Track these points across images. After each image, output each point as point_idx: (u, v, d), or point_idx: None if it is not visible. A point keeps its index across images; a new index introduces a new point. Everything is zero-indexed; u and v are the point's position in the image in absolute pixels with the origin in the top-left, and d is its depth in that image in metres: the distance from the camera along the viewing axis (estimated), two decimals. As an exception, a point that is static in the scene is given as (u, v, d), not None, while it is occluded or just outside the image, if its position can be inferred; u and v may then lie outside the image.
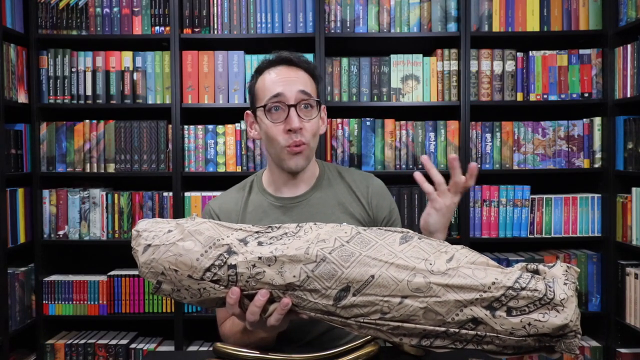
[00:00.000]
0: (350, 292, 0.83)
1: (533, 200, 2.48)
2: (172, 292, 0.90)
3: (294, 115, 1.16)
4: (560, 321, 0.79)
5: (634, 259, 2.38)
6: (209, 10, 2.46)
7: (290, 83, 1.17)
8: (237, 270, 0.86)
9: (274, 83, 1.18)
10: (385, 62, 2.47)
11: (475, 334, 0.81)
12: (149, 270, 0.89)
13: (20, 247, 2.40)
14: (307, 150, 1.20)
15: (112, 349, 2.47)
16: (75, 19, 2.47)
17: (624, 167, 2.36)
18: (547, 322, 0.79)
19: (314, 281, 0.84)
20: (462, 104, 2.42)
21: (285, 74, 1.19)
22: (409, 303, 0.82)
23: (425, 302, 0.81)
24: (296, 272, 0.85)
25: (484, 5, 2.45)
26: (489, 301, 0.80)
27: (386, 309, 0.83)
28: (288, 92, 1.17)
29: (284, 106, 1.17)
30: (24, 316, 2.41)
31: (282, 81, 1.18)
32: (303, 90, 1.18)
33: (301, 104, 1.18)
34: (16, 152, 2.40)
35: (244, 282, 0.87)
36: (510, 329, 0.80)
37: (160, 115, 2.49)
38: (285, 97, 1.17)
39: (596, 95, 2.46)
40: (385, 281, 0.83)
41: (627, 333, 2.37)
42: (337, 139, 2.47)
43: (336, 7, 2.45)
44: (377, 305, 0.83)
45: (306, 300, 0.86)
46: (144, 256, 0.89)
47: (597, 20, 2.45)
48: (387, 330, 0.84)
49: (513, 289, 0.80)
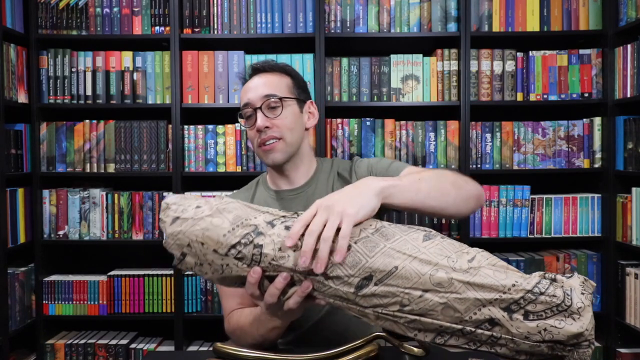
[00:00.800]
0: (372, 282, 0.83)
1: (533, 200, 2.48)
2: (195, 266, 0.90)
3: (258, 116, 1.27)
4: (576, 329, 0.80)
5: (634, 259, 2.38)
6: (209, 10, 2.46)
7: (256, 89, 1.29)
8: (262, 250, 0.86)
9: (245, 93, 1.31)
10: (385, 62, 2.47)
11: (491, 334, 0.81)
12: (174, 241, 0.89)
13: (20, 247, 2.40)
14: (280, 144, 1.28)
15: (112, 349, 2.47)
16: (75, 19, 2.47)
17: (624, 167, 2.36)
18: (563, 329, 0.80)
19: (337, 268, 0.84)
20: (462, 104, 2.42)
21: (254, 82, 1.31)
22: (429, 297, 0.82)
23: (446, 297, 0.81)
24: None
25: (484, 5, 2.45)
26: (507, 303, 0.80)
27: (406, 301, 0.82)
28: (254, 97, 1.28)
29: (253, 111, 1.28)
30: (24, 316, 2.41)
31: (250, 89, 1.30)
32: (267, 93, 1.27)
33: (266, 104, 1.27)
34: (16, 152, 2.40)
35: (267, 264, 0.86)
36: (526, 333, 0.80)
37: (160, 115, 2.49)
38: (252, 102, 1.28)
39: (596, 95, 2.46)
40: (408, 273, 0.83)
41: (627, 333, 2.37)
42: (337, 139, 2.47)
43: (336, 7, 2.45)
44: (398, 296, 0.83)
45: (327, 286, 0.85)
46: (172, 227, 0.90)
47: (597, 20, 2.45)
48: (404, 323, 0.84)
49: (532, 293, 0.80)
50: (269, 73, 1.33)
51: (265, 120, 1.26)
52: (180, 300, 2.44)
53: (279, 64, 1.35)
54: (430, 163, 2.47)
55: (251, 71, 1.35)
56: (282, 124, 1.27)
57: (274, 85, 1.30)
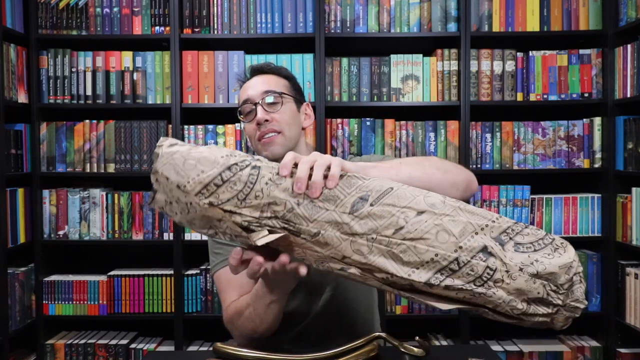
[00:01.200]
0: (368, 202, 0.84)
1: (533, 200, 2.48)
2: (165, 205, 0.88)
3: (258, 110, 1.30)
4: (565, 260, 0.83)
5: (634, 259, 2.38)
6: (209, 10, 2.46)
7: (255, 87, 1.33)
8: (260, 171, 0.86)
9: (244, 91, 1.36)
10: (385, 62, 2.47)
11: (486, 266, 0.82)
12: (154, 177, 0.88)
13: (20, 247, 2.40)
14: (280, 138, 1.31)
15: (112, 349, 2.47)
16: (75, 19, 2.47)
17: (624, 167, 2.36)
18: (553, 259, 0.83)
19: (333, 191, 0.85)
20: (462, 104, 2.42)
21: (253, 81, 1.36)
22: (424, 218, 0.84)
23: (440, 219, 0.84)
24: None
25: (484, 5, 2.45)
26: (497, 231, 0.84)
27: (402, 222, 0.83)
28: (254, 94, 1.32)
29: (253, 106, 1.32)
30: (24, 316, 2.41)
31: (250, 87, 1.35)
32: (266, 90, 1.32)
33: (265, 99, 1.31)
34: (16, 152, 2.40)
35: (262, 185, 0.85)
36: (520, 264, 0.82)
37: (160, 115, 2.49)
38: (251, 98, 1.32)
39: (596, 95, 2.46)
40: (403, 194, 0.86)
41: (627, 333, 2.37)
42: (337, 139, 2.47)
43: (336, 7, 2.45)
44: (394, 216, 0.84)
45: (322, 209, 0.85)
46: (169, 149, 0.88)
47: (597, 20, 2.45)
48: (399, 253, 0.83)
49: (518, 225, 0.86)
50: (267, 74, 1.37)
51: (265, 114, 1.30)
52: (180, 300, 2.44)
53: (277, 67, 1.41)
54: (430, 163, 2.47)
55: (250, 72, 1.40)
56: (281, 118, 1.31)
57: (273, 84, 1.35)
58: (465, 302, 0.85)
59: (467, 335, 2.43)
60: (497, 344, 2.51)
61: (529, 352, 2.45)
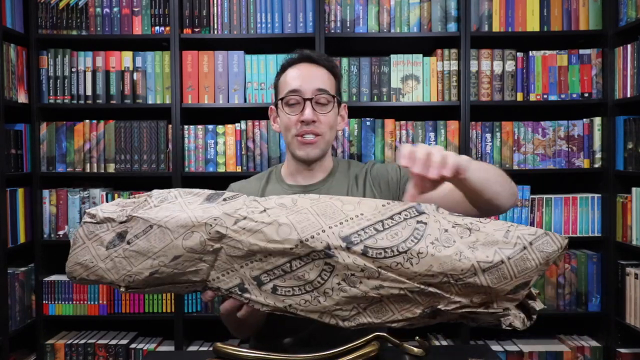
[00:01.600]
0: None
1: (533, 200, 2.48)
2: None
3: (308, 108, 1.24)
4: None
5: (634, 259, 2.38)
6: (209, 10, 2.46)
7: (308, 79, 1.26)
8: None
9: (293, 79, 1.27)
10: (385, 62, 2.47)
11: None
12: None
13: (20, 247, 2.40)
14: (321, 142, 1.27)
15: (112, 349, 2.47)
16: (75, 19, 2.47)
17: (624, 167, 2.36)
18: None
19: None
20: (462, 104, 2.42)
21: (305, 70, 1.28)
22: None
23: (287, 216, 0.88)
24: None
25: (484, 5, 2.45)
26: (349, 231, 0.86)
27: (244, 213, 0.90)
28: (305, 87, 1.25)
29: (301, 100, 1.25)
30: (24, 316, 2.41)
31: (300, 77, 1.27)
32: (320, 87, 1.26)
33: (316, 98, 1.25)
34: (16, 152, 2.40)
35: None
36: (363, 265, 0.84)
37: (160, 115, 2.49)
38: (302, 91, 1.25)
39: (596, 95, 2.46)
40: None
41: (627, 333, 2.37)
42: (337, 139, 2.47)
43: (336, 7, 2.45)
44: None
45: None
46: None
47: (597, 20, 2.45)
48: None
49: (377, 226, 0.86)
50: (320, 66, 1.30)
51: (314, 114, 1.24)
52: (180, 300, 2.44)
53: (330, 60, 1.34)
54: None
55: (301, 57, 1.31)
56: (327, 121, 1.27)
57: (326, 81, 1.28)
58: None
59: (467, 335, 2.42)
60: (497, 344, 2.51)
61: (529, 352, 2.45)
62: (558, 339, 2.55)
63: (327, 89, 1.27)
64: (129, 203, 0.91)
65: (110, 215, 0.90)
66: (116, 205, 0.92)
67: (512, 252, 0.82)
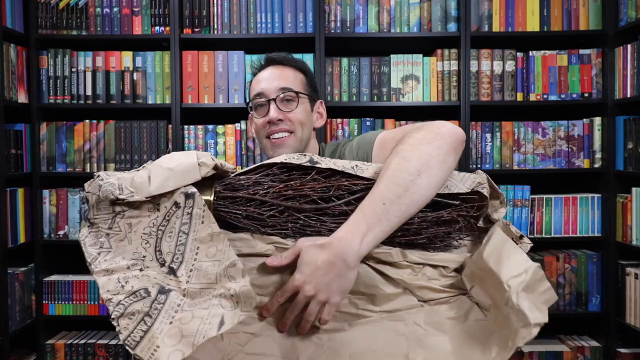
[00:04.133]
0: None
1: (533, 200, 2.48)
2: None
3: (271, 108, 1.25)
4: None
5: (634, 259, 2.38)
6: (209, 10, 2.46)
7: (271, 80, 1.27)
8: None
9: (258, 82, 1.29)
10: (385, 62, 2.47)
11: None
12: None
13: (20, 247, 2.40)
14: (291, 139, 1.26)
15: (112, 349, 2.47)
16: (75, 19, 2.47)
17: (624, 167, 2.36)
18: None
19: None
20: (462, 104, 2.42)
21: (268, 73, 1.29)
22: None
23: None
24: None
25: (484, 5, 2.45)
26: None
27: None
28: (268, 88, 1.26)
29: (266, 101, 1.26)
30: (24, 316, 2.41)
31: (264, 80, 1.28)
32: (283, 86, 1.26)
33: (281, 97, 1.25)
34: (16, 152, 2.40)
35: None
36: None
37: (160, 115, 2.49)
38: (265, 93, 1.26)
39: (596, 95, 2.46)
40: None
41: (627, 333, 2.37)
42: (337, 139, 2.47)
43: (336, 7, 2.45)
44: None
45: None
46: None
47: (597, 20, 2.45)
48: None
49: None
50: (285, 66, 1.30)
51: (279, 113, 1.24)
52: (180, 300, 2.44)
53: (295, 59, 1.33)
54: (430, 163, 2.46)
55: (266, 61, 1.32)
56: (295, 118, 1.26)
57: (290, 79, 1.28)
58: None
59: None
60: (497, 344, 2.50)
61: (529, 352, 2.45)
62: (558, 339, 2.55)
63: (292, 86, 1.26)
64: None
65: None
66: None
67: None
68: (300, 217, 0.87)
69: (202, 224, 0.82)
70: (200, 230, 0.82)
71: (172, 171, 0.84)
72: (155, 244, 0.82)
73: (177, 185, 0.83)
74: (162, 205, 0.83)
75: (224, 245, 0.81)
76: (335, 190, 0.89)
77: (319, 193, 0.89)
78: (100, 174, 0.85)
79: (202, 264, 0.80)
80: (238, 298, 0.77)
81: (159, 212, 0.83)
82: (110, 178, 0.84)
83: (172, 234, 0.82)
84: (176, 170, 0.84)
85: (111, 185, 0.82)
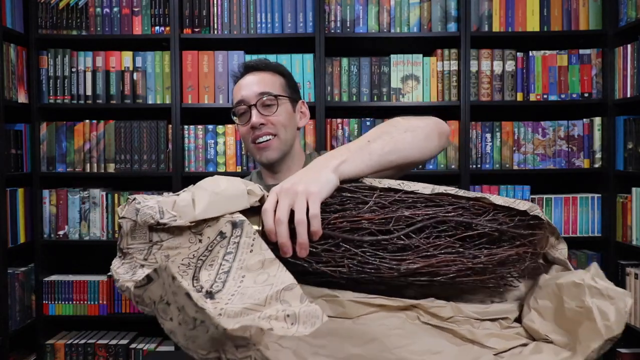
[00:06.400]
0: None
1: (533, 201, 2.48)
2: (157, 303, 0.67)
3: (253, 113, 1.27)
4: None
5: (634, 259, 2.38)
6: (209, 10, 2.46)
7: (250, 87, 1.29)
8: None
9: (239, 90, 1.31)
10: (385, 62, 2.47)
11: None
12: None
13: (20, 247, 2.40)
14: (275, 142, 1.29)
15: (112, 349, 2.47)
16: (75, 19, 2.47)
17: (624, 167, 2.36)
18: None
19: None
20: (462, 104, 2.42)
21: (247, 80, 1.31)
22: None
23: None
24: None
25: (484, 5, 2.45)
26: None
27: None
28: (248, 94, 1.28)
29: (247, 108, 1.28)
30: (24, 316, 2.41)
31: (243, 87, 1.30)
32: (262, 91, 1.28)
33: (261, 102, 1.27)
34: (16, 152, 2.40)
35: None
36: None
37: (160, 115, 2.49)
38: (246, 100, 1.29)
39: (596, 95, 2.46)
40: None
41: (627, 333, 2.36)
42: (337, 139, 2.47)
43: (336, 7, 2.45)
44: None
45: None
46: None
47: (597, 20, 2.45)
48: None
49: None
50: (262, 71, 1.33)
51: (260, 117, 1.27)
52: (180, 300, 2.44)
53: (272, 63, 1.36)
54: (430, 163, 2.47)
55: (244, 69, 1.35)
56: (277, 120, 1.28)
57: (268, 84, 1.30)
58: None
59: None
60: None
61: (529, 352, 2.45)
62: (558, 339, 2.55)
63: (271, 90, 1.29)
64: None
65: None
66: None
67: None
68: (357, 253, 0.77)
69: (251, 252, 0.72)
70: (247, 259, 0.72)
71: (219, 195, 0.75)
72: (194, 273, 0.72)
73: (224, 211, 0.75)
74: (205, 235, 0.74)
75: (277, 271, 0.70)
76: (395, 222, 0.79)
77: (377, 225, 0.79)
78: (136, 197, 0.77)
79: (248, 290, 0.68)
80: (296, 319, 0.65)
81: (201, 243, 0.74)
82: (148, 201, 0.75)
83: (213, 263, 0.72)
84: (223, 195, 0.76)
85: (150, 208, 0.74)
